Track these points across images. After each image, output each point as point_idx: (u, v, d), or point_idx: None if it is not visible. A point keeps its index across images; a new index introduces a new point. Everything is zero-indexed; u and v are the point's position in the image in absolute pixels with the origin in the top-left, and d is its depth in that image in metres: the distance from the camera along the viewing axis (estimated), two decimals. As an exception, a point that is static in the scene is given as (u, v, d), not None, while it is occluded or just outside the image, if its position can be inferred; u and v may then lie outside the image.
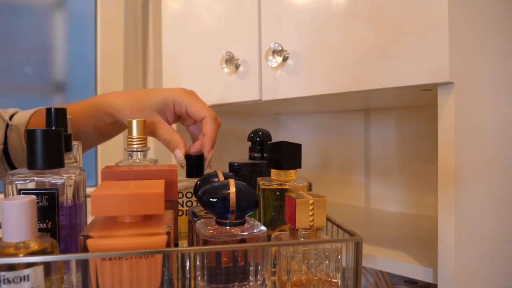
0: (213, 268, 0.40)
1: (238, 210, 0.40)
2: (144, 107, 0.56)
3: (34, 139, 0.41)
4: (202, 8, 0.84)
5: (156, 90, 0.57)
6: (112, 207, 0.37)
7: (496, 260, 0.57)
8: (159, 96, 0.56)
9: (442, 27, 0.48)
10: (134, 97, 0.57)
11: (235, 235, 0.40)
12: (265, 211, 0.52)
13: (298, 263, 0.42)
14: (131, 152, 0.54)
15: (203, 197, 0.41)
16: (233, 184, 0.41)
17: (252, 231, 0.41)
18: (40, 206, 0.41)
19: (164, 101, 0.56)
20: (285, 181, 0.52)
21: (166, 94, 0.56)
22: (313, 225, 0.42)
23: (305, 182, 0.52)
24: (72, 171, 0.43)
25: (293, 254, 0.42)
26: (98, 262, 0.35)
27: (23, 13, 1.25)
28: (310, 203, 0.41)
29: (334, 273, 0.42)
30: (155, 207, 0.37)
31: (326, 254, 0.42)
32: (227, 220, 0.41)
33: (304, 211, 0.41)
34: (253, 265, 0.41)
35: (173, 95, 0.55)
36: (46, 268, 0.35)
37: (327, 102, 0.80)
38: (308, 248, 0.42)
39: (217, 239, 0.39)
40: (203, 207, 0.42)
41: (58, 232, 0.42)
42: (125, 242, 0.36)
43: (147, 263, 0.36)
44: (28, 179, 0.41)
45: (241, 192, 0.40)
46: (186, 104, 0.55)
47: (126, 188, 0.38)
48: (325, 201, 0.42)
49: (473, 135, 0.53)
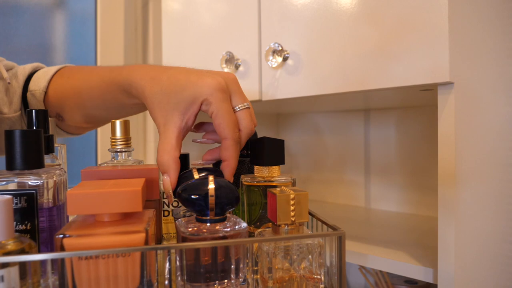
0: (192, 267, 0.39)
1: (218, 206, 0.39)
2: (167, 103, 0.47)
3: (13, 139, 0.40)
4: (202, 8, 0.84)
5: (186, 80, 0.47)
6: (88, 206, 0.36)
7: (496, 260, 0.57)
8: (189, 93, 0.46)
9: (442, 27, 0.48)
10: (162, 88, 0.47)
11: (215, 231, 0.39)
12: (252, 209, 0.51)
13: (281, 260, 0.41)
14: (115, 152, 0.53)
15: (182, 194, 0.40)
16: (212, 181, 0.40)
17: (234, 227, 0.40)
18: (18, 207, 0.40)
19: (191, 102, 0.46)
20: (268, 178, 0.51)
21: (196, 92, 0.46)
22: (295, 220, 0.41)
23: (288, 178, 0.51)
24: (52, 172, 0.42)
25: (274, 251, 0.41)
26: (74, 262, 0.34)
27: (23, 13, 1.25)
28: (291, 198, 0.41)
29: (317, 270, 0.42)
30: (132, 205, 0.37)
31: (309, 249, 0.42)
32: (207, 217, 0.40)
33: (285, 206, 0.41)
34: (234, 263, 0.40)
35: (204, 93, 0.46)
36: (21, 269, 0.34)
37: (327, 102, 0.80)
38: (290, 244, 0.41)
39: (196, 236, 0.39)
40: (182, 204, 0.41)
41: (37, 233, 0.41)
42: (102, 240, 0.35)
43: (124, 262, 0.35)
44: (5, 180, 0.40)
45: (220, 188, 0.40)
46: (212, 111, 0.46)
47: (103, 186, 0.38)
48: (307, 195, 0.42)
49: (473, 135, 0.53)
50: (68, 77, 0.61)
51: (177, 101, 0.46)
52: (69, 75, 0.61)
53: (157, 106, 0.47)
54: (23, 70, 0.63)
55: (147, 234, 0.36)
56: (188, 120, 0.47)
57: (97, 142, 1.36)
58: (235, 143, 0.47)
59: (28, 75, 0.63)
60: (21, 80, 0.62)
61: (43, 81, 0.61)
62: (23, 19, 1.25)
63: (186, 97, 0.46)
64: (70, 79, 0.60)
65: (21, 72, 0.63)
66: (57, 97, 0.60)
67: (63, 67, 0.64)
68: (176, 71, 0.48)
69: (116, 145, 0.53)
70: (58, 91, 0.60)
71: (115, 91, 0.53)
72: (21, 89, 0.62)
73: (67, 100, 0.60)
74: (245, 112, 0.48)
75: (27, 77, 0.62)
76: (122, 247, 0.35)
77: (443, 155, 0.50)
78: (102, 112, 0.59)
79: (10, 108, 0.61)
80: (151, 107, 0.47)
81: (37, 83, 0.61)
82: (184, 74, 0.47)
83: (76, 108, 0.60)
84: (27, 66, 0.64)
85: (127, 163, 0.53)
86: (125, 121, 0.53)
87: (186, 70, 0.48)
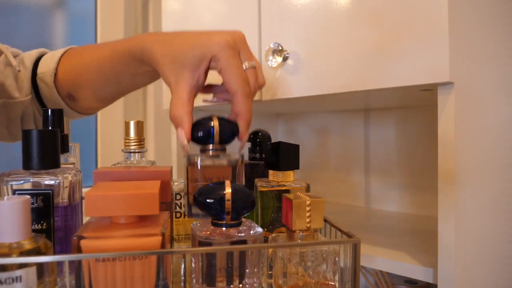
0: (208, 270, 0.39)
1: (234, 211, 0.40)
2: (178, 62, 0.48)
3: (30, 139, 0.40)
4: (202, 8, 0.84)
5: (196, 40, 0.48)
6: (106, 207, 0.36)
7: (496, 260, 0.57)
8: (198, 52, 0.47)
9: (442, 27, 0.48)
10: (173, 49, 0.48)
11: (231, 236, 0.40)
12: (264, 213, 0.52)
13: (295, 266, 0.41)
14: (128, 153, 0.53)
15: (198, 198, 0.41)
16: (228, 185, 0.40)
17: (249, 232, 0.40)
18: (35, 207, 0.40)
19: (201, 59, 0.47)
20: (283, 182, 0.51)
21: (205, 48, 0.47)
22: (310, 227, 0.41)
23: (303, 183, 0.52)
24: (68, 172, 0.43)
25: (289, 257, 0.41)
26: (91, 263, 0.35)
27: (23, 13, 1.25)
28: (307, 204, 0.41)
29: (331, 276, 0.42)
30: (149, 207, 0.37)
31: (324, 256, 0.42)
32: (223, 221, 0.40)
33: (301, 212, 0.41)
34: (249, 267, 0.40)
35: (213, 50, 0.47)
36: (39, 269, 0.34)
37: (327, 102, 0.80)
38: (305, 250, 0.41)
39: (212, 241, 0.39)
40: (198, 207, 0.41)
41: (53, 233, 0.41)
42: (119, 243, 0.35)
43: (141, 265, 0.35)
44: (23, 180, 0.41)
45: (237, 192, 0.40)
46: (221, 67, 0.47)
47: (120, 188, 0.38)
48: (323, 202, 0.42)
49: (473, 135, 0.53)
50: (76, 56, 0.61)
51: (187, 59, 0.47)
52: (76, 54, 0.62)
53: (167, 66, 0.48)
54: (29, 56, 0.64)
55: (163, 237, 0.36)
56: (199, 77, 0.48)
57: (97, 142, 1.36)
58: (246, 96, 0.47)
59: (35, 60, 0.63)
60: (28, 65, 0.62)
61: (52, 63, 0.61)
62: (23, 19, 1.25)
63: (196, 55, 0.47)
64: (78, 57, 0.61)
65: (27, 58, 0.63)
66: (67, 77, 0.61)
67: (69, 48, 0.64)
68: (187, 33, 0.50)
69: (129, 145, 0.53)
70: (68, 71, 0.61)
71: (126, 60, 0.54)
72: (29, 73, 0.62)
73: (77, 79, 0.60)
74: (250, 72, 0.49)
75: (34, 62, 0.63)
76: (139, 249, 0.35)
77: (443, 155, 0.50)
78: (114, 86, 0.59)
79: (21, 93, 0.62)
80: (162, 69, 0.49)
81: (45, 66, 0.62)
82: (194, 35, 0.49)
83: (87, 85, 0.60)
84: (32, 52, 0.65)
85: (140, 163, 0.53)
86: (138, 122, 0.54)
87: (197, 32, 0.50)
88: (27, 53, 0.65)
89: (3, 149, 1.14)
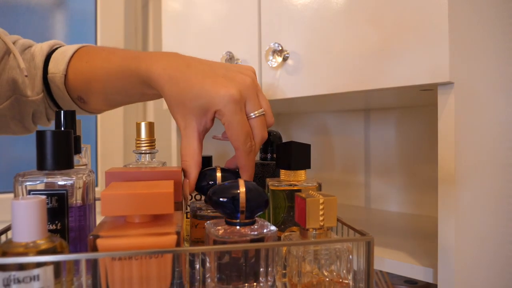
0: (223, 269, 0.40)
1: (248, 210, 0.40)
2: (185, 108, 0.48)
3: (44, 140, 0.41)
4: (202, 8, 0.84)
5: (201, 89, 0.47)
6: (122, 207, 0.37)
7: (496, 260, 0.57)
8: (202, 102, 0.47)
9: (442, 27, 0.48)
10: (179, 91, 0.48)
11: (246, 235, 0.40)
12: (276, 212, 0.52)
13: (309, 264, 0.42)
14: (139, 154, 0.54)
15: (212, 197, 0.41)
16: (242, 184, 0.40)
17: (262, 231, 0.41)
18: (49, 207, 0.41)
19: (206, 110, 0.47)
20: (294, 182, 0.51)
21: (209, 101, 0.47)
22: (323, 225, 0.41)
23: (314, 182, 0.52)
24: (82, 172, 0.43)
25: (303, 255, 0.41)
26: (108, 262, 0.35)
27: (23, 13, 1.26)
28: (320, 202, 0.41)
29: (345, 274, 0.42)
30: (165, 206, 0.37)
31: (337, 254, 0.42)
32: (237, 220, 0.40)
33: (315, 210, 0.41)
34: (264, 266, 0.40)
35: (217, 104, 0.46)
36: (56, 268, 0.35)
37: (327, 102, 0.80)
38: (319, 248, 0.42)
39: (227, 239, 0.39)
40: (212, 206, 0.42)
41: (67, 233, 0.42)
42: (135, 241, 0.35)
43: (157, 263, 0.36)
44: (38, 180, 0.41)
45: (250, 191, 0.40)
46: (225, 122, 0.47)
47: (136, 188, 0.38)
48: (336, 200, 0.42)
49: (473, 135, 0.53)
50: (87, 61, 0.60)
51: (192, 107, 0.48)
52: (87, 59, 0.61)
53: (175, 108, 0.49)
54: (40, 50, 0.63)
55: (178, 236, 0.36)
56: (205, 124, 0.49)
57: (97, 142, 1.36)
58: (246, 153, 0.48)
59: (47, 55, 0.62)
60: (39, 62, 0.62)
61: (62, 64, 0.60)
62: (23, 19, 1.25)
63: (201, 105, 0.47)
64: (89, 64, 0.60)
65: (39, 53, 0.62)
66: (78, 81, 0.60)
67: (81, 47, 0.63)
68: (193, 72, 0.48)
69: (140, 146, 0.54)
70: (78, 75, 0.60)
71: (134, 82, 0.54)
72: (41, 71, 0.62)
73: (87, 84, 0.60)
74: (257, 120, 0.49)
75: (46, 57, 0.62)
76: (155, 248, 0.35)
77: (443, 155, 0.50)
78: (124, 97, 0.60)
79: (33, 91, 0.62)
80: (171, 108, 0.50)
81: (56, 66, 0.61)
82: (199, 79, 0.48)
83: (97, 92, 0.60)
84: (44, 45, 0.63)
85: (151, 164, 0.54)
86: (150, 123, 0.54)
87: (203, 72, 0.49)
88: (39, 47, 0.63)
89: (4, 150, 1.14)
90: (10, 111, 0.63)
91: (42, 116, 0.65)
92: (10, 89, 0.62)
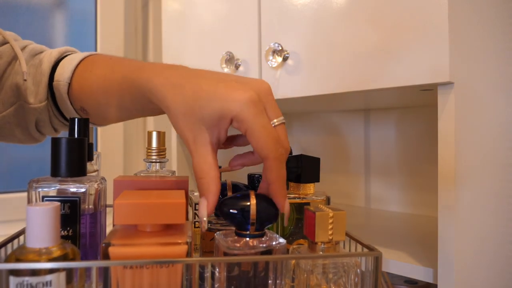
0: (232, 280, 0.40)
1: (258, 221, 0.40)
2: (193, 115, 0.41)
3: (58, 147, 0.42)
4: (202, 8, 0.84)
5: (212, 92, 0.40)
6: (135, 216, 0.37)
7: (496, 260, 0.57)
8: (215, 108, 0.40)
9: (442, 27, 0.48)
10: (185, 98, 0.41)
11: (255, 247, 0.40)
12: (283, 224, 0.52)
13: (317, 277, 0.42)
14: (149, 163, 0.55)
15: (223, 208, 0.41)
16: (253, 196, 0.40)
17: (271, 243, 0.41)
18: (62, 214, 0.41)
19: (219, 116, 0.40)
20: (303, 195, 0.52)
21: (224, 106, 0.39)
22: (332, 239, 0.42)
23: (323, 196, 0.52)
24: (94, 179, 0.44)
25: (312, 268, 0.42)
26: (119, 270, 0.35)
27: (23, 13, 1.26)
28: (329, 216, 0.41)
29: None
30: (177, 216, 0.38)
31: (345, 268, 0.42)
32: (247, 231, 0.41)
33: (324, 224, 0.41)
34: (272, 278, 0.41)
35: (234, 109, 0.39)
36: (68, 275, 0.35)
37: (327, 102, 0.80)
38: (327, 262, 0.42)
39: (237, 251, 0.40)
40: (223, 217, 0.42)
41: (78, 240, 0.42)
42: (147, 250, 0.36)
43: (167, 272, 0.36)
44: (52, 187, 0.42)
45: (261, 203, 0.40)
46: (246, 128, 0.40)
47: (148, 197, 0.39)
48: (345, 215, 0.42)
49: (473, 135, 0.53)
50: (91, 71, 0.56)
51: (203, 115, 0.40)
52: (92, 69, 0.57)
53: (181, 119, 0.41)
54: (49, 56, 0.60)
55: (189, 246, 0.37)
56: (219, 134, 0.42)
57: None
58: (279, 160, 0.40)
59: (55, 62, 0.60)
60: (46, 68, 0.59)
61: (67, 71, 0.58)
62: (23, 19, 1.25)
63: (213, 112, 0.40)
64: (92, 74, 0.56)
65: (47, 59, 0.60)
66: (81, 91, 0.58)
67: (89, 55, 0.59)
68: (202, 79, 0.42)
69: (151, 155, 0.55)
70: (81, 85, 0.57)
71: (136, 95, 0.48)
72: (46, 78, 0.59)
73: (90, 96, 0.57)
74: (279, 129, 0.42)
75: (53, 64, 0.60)
76: (166, 257, 0.36)
77: (443, 155, 0.50)
78: (124, 112, 0.55)
79: (36, 98, 0.60)
80: (175, 120, 0.42)
81: (61, 74, 0.58)
82: (210, 85, 0.41)
83: (99, 105, 0.56)
84: (54, 52, 0.61)
85: (161, 173, 0.55)
86: (160, 133, 0.55)
87: (214, 78, 0.42)
88: (48, 53, 0.61)
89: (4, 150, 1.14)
90: (15, 118, 0.61)
91: (46, 125, 0.62)
92: (14, 95, 0.60)
